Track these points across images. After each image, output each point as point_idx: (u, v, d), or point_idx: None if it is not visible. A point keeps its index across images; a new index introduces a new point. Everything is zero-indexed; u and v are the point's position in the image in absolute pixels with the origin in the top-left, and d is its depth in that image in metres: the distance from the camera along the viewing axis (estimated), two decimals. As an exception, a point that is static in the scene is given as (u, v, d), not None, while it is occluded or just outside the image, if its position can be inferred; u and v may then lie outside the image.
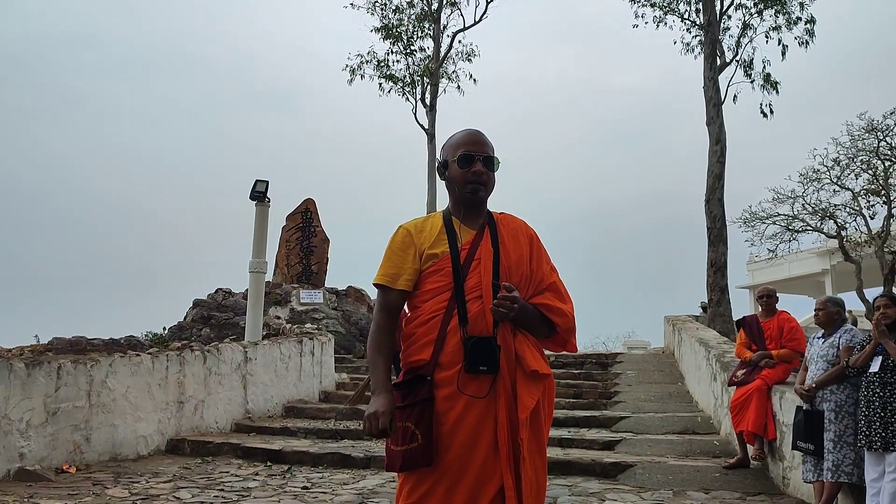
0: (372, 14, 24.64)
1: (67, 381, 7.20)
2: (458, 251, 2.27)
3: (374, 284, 2.34)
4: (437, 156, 2.45)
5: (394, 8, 24.47)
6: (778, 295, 7.35)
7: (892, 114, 19.36)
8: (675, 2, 19.65)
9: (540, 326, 2.30)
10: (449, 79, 24.87)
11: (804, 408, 5.26)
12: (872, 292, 19.51)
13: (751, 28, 19.08)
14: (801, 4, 18.85)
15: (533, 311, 2.28)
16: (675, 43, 23.33)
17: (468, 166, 2.30)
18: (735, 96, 19.10)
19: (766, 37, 19.17)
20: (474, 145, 2.33)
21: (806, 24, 18.91)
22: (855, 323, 17.45)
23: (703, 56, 17.91)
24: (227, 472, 7.19)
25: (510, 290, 2.12)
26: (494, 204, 2.48)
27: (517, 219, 2.47)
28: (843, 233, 20.91)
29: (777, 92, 19.17)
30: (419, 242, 2.31)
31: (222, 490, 6.27)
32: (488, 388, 2.14)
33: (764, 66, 19.24)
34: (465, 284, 2.23)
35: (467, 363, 2.13)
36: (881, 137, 19.78)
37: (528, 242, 2.39)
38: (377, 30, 24.52)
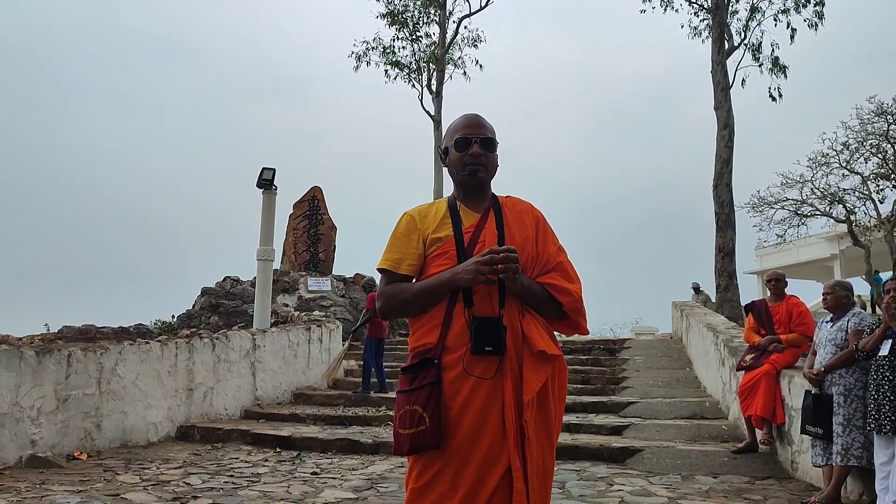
0: (378, 0, 24.56)
1: (77, 369, 7.25)
2: (461, 234, 2.27)
3: (378, 269, 2.32)
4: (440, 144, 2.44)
5: (399, -7, 24.36)
6: (787, 280, 7.32)
7: (902, 97, 19.20)
8: (682, -15, 19.51)
9: (548, 306, 2.29)
10: (455, 65, 24.77)
11: (813, 392, 5.25)
12: (881, 277, 19.42)
13: (759, 11, 18.92)
14: (810, -14, 18.67)
15: (539, 289, 2.26)
16: (682, 27, 23.20)
17: (465, 149, 2.30)
18: (743, 80, 19.00)
19: (775, 20, 19.01)
20: (471, 128, 2.32)
21: (815, 6, 18.73)
22: (864, 307, 17.40)
23: (710, 40, 17.79)
24: (236, 459, 7.23)
25: (511, 251, 2.10)
26: (502, 189, 2.46)
27: (523, 201, 2.46)
28: (853, 217, 20.81)
29: (785, 75, 19.03)
30: (423, 227, 2.30)
31: (232, 476, 6.31)
32: (495, 370, 2.13)
33: (772, 50, 19.10)
34: None
35: (473, 344, 2.12)
36: (891, 121, 19.64)
37: (533, 224, 2.37)
38: (383, 16, 24.42)
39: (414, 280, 2.31)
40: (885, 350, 4.53)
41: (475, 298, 2.17)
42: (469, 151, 2.29)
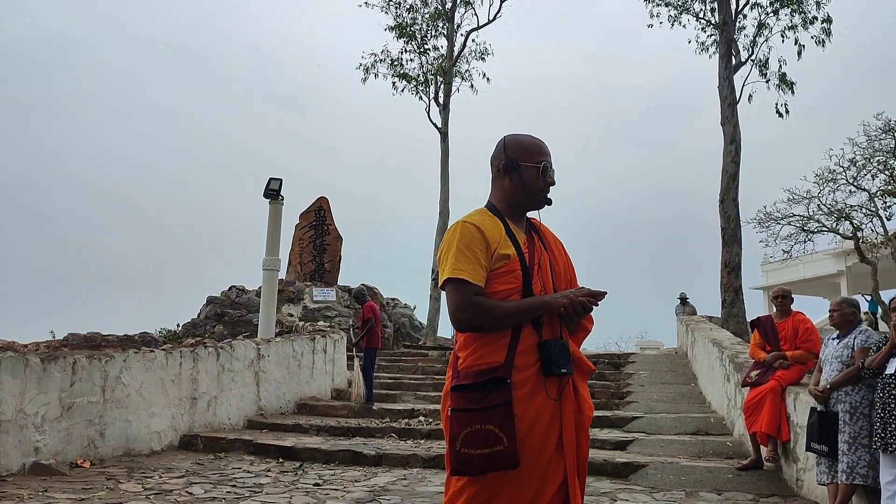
0: (386, 13, 24.67)
1: (82, 377, 7.26)
2: (523, 254, 2.29)
3: (453, 279, 2.19)
4: (504, 152, 2.39)
5: (408, 7, 24.49)
6: (793, 296, 7.30)
7: (909, 114, 19.18)
8: (690, 1, 19.57)
9: (578, 332, 2.38)
10: (462, 78, 24.83)
11: (818, 409, 5.22)
12: (888, 294, 19.34)
13: (766, 27, 18.95)
14: (818, 3, 18.70)
15: None
16: (689, 42, 23.26)
17: (546, 176, 2.36)
18: (750, 96, 19.03)
19: (782, 36, 19.03)
20: (550, 157, 2.39)
21: (822, 23, 18.76)
22: (874, 325, 17.32)
23: (717, 55, 17.82)
24: (239, 469, 7.22)
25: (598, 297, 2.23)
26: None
27: (542, 223, 2.52)
28: (859, 234, 20.73)
29: (792, 92, 19.03)
30: (491, 240, 2.25)
31: (234, 486, 6.31)
32: (559, 390, 2.19)
33: (779, 66, 19.11)
34: (532, 288, 2.25)
35: (547, 366, 2.16)
36: (899, 138, 19.60)
37: (564, 250, 2.48)
38: (391, 28, 24.51)
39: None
40: (891, 368, 4.51)
41: (542, 321, 2.23)
42: (548, 180, 2.36)
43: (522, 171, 2.34)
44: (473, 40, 25.00)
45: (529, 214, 2.45)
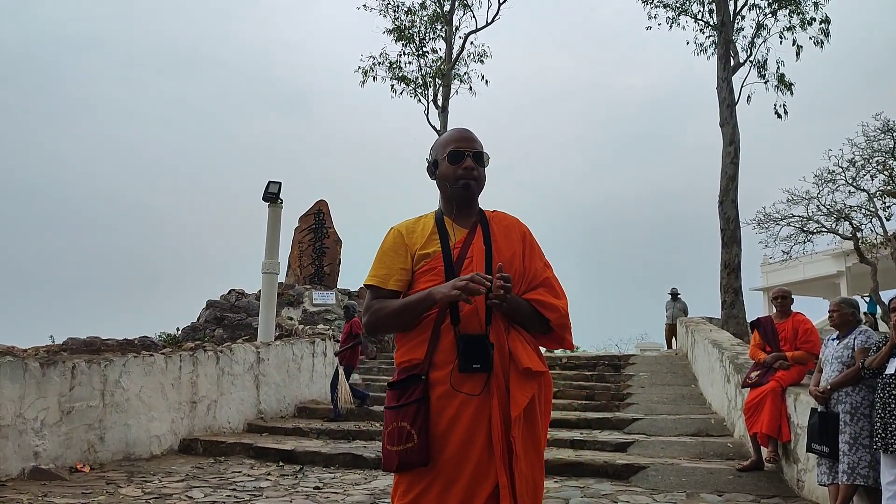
0: (384, 16, 24.72)
1: (82, 381, 7.25)
2: (449, 250, 2.27)
3: (366, 285, 2.32)
4: (427, 157, 2.45)
5: (406, 9, 24.52)
6: (793, 297, 7.29)
7: (908, 114, 19.18)
8: (688, 2, 19.61)
9: (533, 322, 2.28)
10: (461, 80, 24.87)
11: (819, 410, 5.21)
12: (888, 294, 19.34)
13: (764, 28, 19.00)
14: (816, 4, 18.75)
15: (526, 306, 2.26)
16: (687, 44, 23.27)
17: (458, 162, 2.31)
18: (749, 97, 19.08)
19: (781, 37, 19.09)
20: (463, 141, 2.34)
21: (820, 23, 18.81)
22: (872, 325, 17.31)
23: (716, 57, 17.86)
24: (239, 472, 7.21)
25: (507, 280, 2.10)
26: (505, 205, 2.46)
27: (510, 216, 2.47)
28: (859, 234, 20.72)
29: (791, 92, 19.08)
30: (410, 243, 2.31)
31: (234, 490, 6.29)
32: (482, 387, 2.13)
33: (778, 67, 19.17)
34: None
35: (461, 362, 2.12)
36: (897, 138, 19.61)
37: (520, 240, 2.38)
38: (389, 31, 24.56)
39: (402, 296, 2.30)
40: (891, 368, 4.50)
41: (462, 315, 2.16)
42: (463, 165, 2.31)
43: (440, 166, 2.36)
44: (472, 43, 25.07)
45: (498, 208, 2.44)
